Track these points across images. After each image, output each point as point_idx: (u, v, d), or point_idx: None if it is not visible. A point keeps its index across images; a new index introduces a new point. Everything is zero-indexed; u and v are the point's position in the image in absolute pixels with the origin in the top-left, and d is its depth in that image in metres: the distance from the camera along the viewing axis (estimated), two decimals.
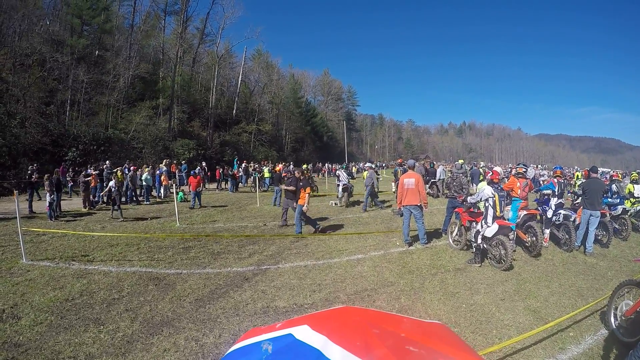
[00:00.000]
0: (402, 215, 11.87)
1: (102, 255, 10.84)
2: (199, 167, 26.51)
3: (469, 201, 10.49)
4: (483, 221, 9.70)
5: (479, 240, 9.73)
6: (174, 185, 21.42)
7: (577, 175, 29.09)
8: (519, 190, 11.56)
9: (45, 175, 18.49)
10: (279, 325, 2.12)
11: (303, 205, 13.09)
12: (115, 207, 16.76)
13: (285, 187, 14.16)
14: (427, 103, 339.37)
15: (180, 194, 23.10)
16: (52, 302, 7.55)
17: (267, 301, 7.77)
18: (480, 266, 9.62)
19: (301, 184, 13.41)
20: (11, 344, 5.96)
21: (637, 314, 5.72)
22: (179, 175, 30.02)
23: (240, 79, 64.37)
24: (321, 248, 11.78)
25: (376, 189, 20.87)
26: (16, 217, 10.56)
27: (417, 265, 9.89)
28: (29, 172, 19.20)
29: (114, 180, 17.12)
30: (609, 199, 13.20)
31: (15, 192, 11.21)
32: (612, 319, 6.18)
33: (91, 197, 19.78)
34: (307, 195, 13.03)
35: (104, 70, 40.51)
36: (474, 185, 22.04)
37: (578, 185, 19.52)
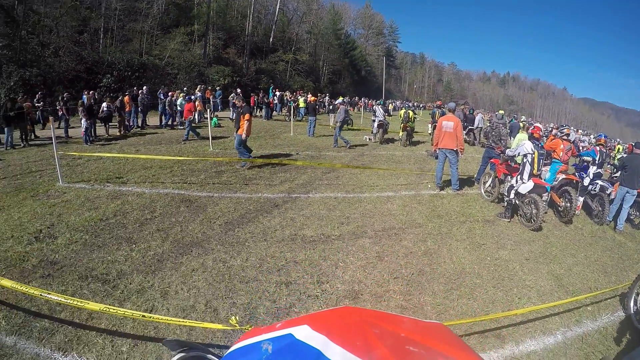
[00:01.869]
0: (436, 157, 11.61)
1: (135, 177, 11.05)
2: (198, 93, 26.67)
3: (507, 154, 10.07)
4: (518, 176, 9.30)
5: (512, 195, 9.41)
6: (207, 110, 21.37)
7: (618, 148, 27.46)
8: (562, 152, 11.06)
9: (79, 102, 18.71)
10: (279, 325, 2.09)
11: (242, 135, 12.45)
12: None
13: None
14: (471, 48, 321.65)
15: (215, 119, 23.12)
16: (87, 222, 7.76)
17: (295, 229, 7.84)
18: (509, 221, 9.36)
19: (240, 110, 12.77)
20: (48, 262, 6.17)
21: None
22: (213, 101, 29.96)
23: (277, 6, 62.45)
24: (352, 181, 11.73)
25: (347, 126, 20.42)
26: (52, 143, 10.72)
27: (447, 211, 9.75)
28: (64, 99, 19.40)
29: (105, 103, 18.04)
30: None
31: (51, 118, 11.41)
32: (632, 304, 5.93)
33: (125, 121, 19.95)
34: (246, 122, 12.35)
35: None
36: (512, 138, 21.30)
37: (618, 159, 18.58)
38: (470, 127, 23.91)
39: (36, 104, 19.95)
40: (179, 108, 21.91)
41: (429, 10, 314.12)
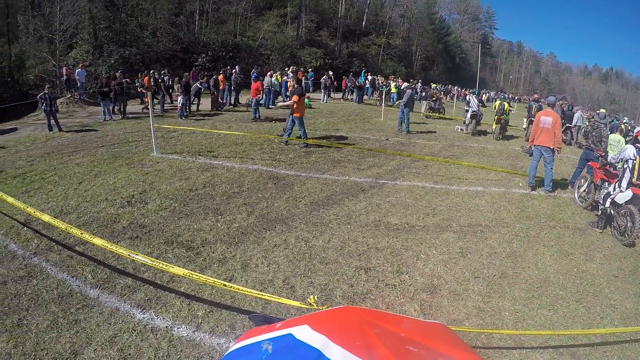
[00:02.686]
0: (531, 154, 10.79)
1: (226, 152, 11.32)
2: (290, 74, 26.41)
3: (608, 159, 9.06)
4: (617, 184, 8.29)
5: (607, 204, 8.36)
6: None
7: None
8: None
9: (176, 79, 19.47)
10: (279, 325, 2.10)
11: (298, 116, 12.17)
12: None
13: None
14: (572, 38, 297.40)
15: (306, 100, 23.24)
16: (177, 191, 8.08)
17: (380, 215, 7.64)
18: (601, 232, 8.30)
19: (290, 92, 12.36)
20: (137, 225, 6.51)
21: None
22: (305, 83, 30.18)
23: None
24: (441, 172, 11.26)
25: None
26: (149, 116, 11.25)
27: (536, 213, 8.98)
28: (161, 76, 20.30)
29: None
30: None
31: (148, 93, 11.95)
32: None
33: (219, 99, 20.51)
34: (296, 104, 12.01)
35: None
36: None
37: None
38: (567, 125, 22.06)
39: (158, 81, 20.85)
40: (272, 88, 22.23)
41: None
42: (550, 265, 6.50)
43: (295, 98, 11.89)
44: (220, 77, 20.95)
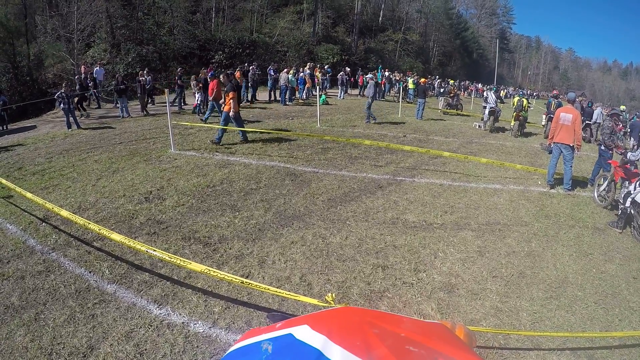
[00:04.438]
0: (550, 152, 10.61)
1: (244, 149, 11.35)
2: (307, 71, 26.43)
3: (628, 157, 8.84)
4: (637, 183, 8.12)
5: (628, 204, 8.18)
6: (317, 87, 21.46)
7: None
8: None
9: (192, 76, 19.51)
10: (279, 325, 2.03)
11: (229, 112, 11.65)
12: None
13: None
14: (592, 32, 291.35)
15: (323, 96, 23.22)
16: (195, 187, 8.11)
17: (398, 212, 7.56)
18: (621, 232, 8.10)
19: (224, 88, 12.00)
20: (154, 221, 6.54)
21: None
22: (322, 79, 30.15)
23: None
24: (459, 169, 11.14)
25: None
26: (167, 113, 11.33)
27: (556, 212, 8.82)
28: (178, 73, 20.38)
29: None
30: None
31: (166, 91, 12.01)
32: None
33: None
34: (231, 100, 11.51)
35: None
36: (632, 139, 19.07)
37: None
38: (587, 122, 21.67)
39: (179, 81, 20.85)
40: (289, 85, 22.24)
41: None
42: (568, 266, 6.38)
43: (231, 94, 11.56)
44: (237, 74, 20.95)
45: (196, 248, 5.74)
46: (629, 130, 20.51)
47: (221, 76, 13.35)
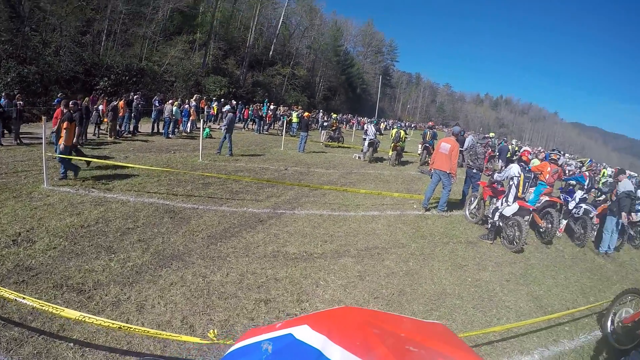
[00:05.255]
0: (431, 176, 11.75)
1: (122, 185, 10.90)
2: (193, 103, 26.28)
3: (495, 177, 10.30)
4: (504, 199, 9.52)
5: (496, 218, 9.58)
6: (201, 120, 21.39)
7: (604, 172, 28.26)
8: (548, 175, 11.34)
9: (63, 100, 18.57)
10: (279, 325, 2.06)
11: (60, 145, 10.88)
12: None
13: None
14: (467, 68, 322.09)
15: (207, 130, 23.14)
16: (68, 227, 7.58)
17: (278, 245, 7.80)
18: (492, 243, 9.51)
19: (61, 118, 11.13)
20: (23, 267, 5.97)
21: (634, 324, 5.62)
22: (207, 112, 30.04)
23: (281, 20, 62.87)
24: (338, 200, 11.76)
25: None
26: (41, 143, 10.57)
27: (431, 232, 9.83)
28: (57, 99, 19.31)
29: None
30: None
31: (43, 118, 11.08)
32: (609, 324, 6.07)
33: (117, 126, 19.85)
34: (64, 131, 10.83)
35: (143, 1, 39.83)
36: (500, 161, 21.66)
37: (603, 183, 18.89)
38: (459, 149, 24.09)
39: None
40: (173, 116, 21.91)
41: (429, 29, 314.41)
42: (445, 278, 7.15)
43: (65, 124, 10.86)
44: (121, 103, 20.21)
45: (69, 296, 5.32)
46: (497, 153, 23.10)
47: (61, 102, 12.19)
